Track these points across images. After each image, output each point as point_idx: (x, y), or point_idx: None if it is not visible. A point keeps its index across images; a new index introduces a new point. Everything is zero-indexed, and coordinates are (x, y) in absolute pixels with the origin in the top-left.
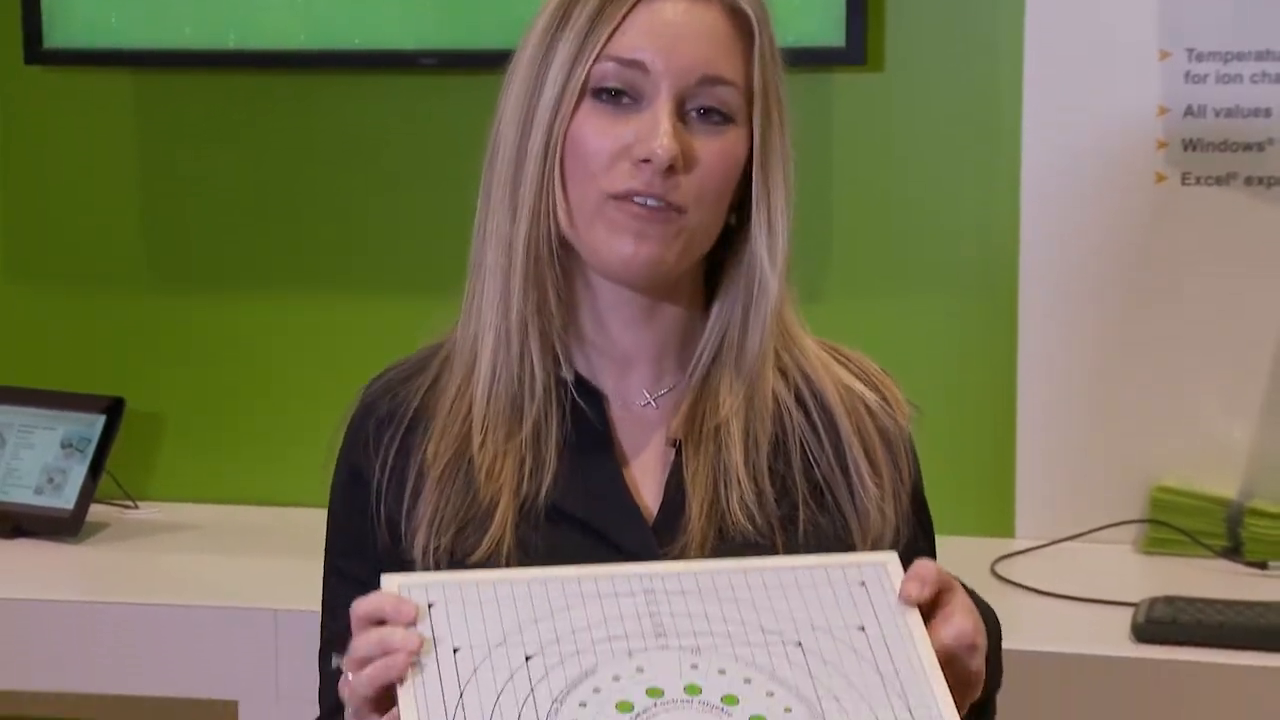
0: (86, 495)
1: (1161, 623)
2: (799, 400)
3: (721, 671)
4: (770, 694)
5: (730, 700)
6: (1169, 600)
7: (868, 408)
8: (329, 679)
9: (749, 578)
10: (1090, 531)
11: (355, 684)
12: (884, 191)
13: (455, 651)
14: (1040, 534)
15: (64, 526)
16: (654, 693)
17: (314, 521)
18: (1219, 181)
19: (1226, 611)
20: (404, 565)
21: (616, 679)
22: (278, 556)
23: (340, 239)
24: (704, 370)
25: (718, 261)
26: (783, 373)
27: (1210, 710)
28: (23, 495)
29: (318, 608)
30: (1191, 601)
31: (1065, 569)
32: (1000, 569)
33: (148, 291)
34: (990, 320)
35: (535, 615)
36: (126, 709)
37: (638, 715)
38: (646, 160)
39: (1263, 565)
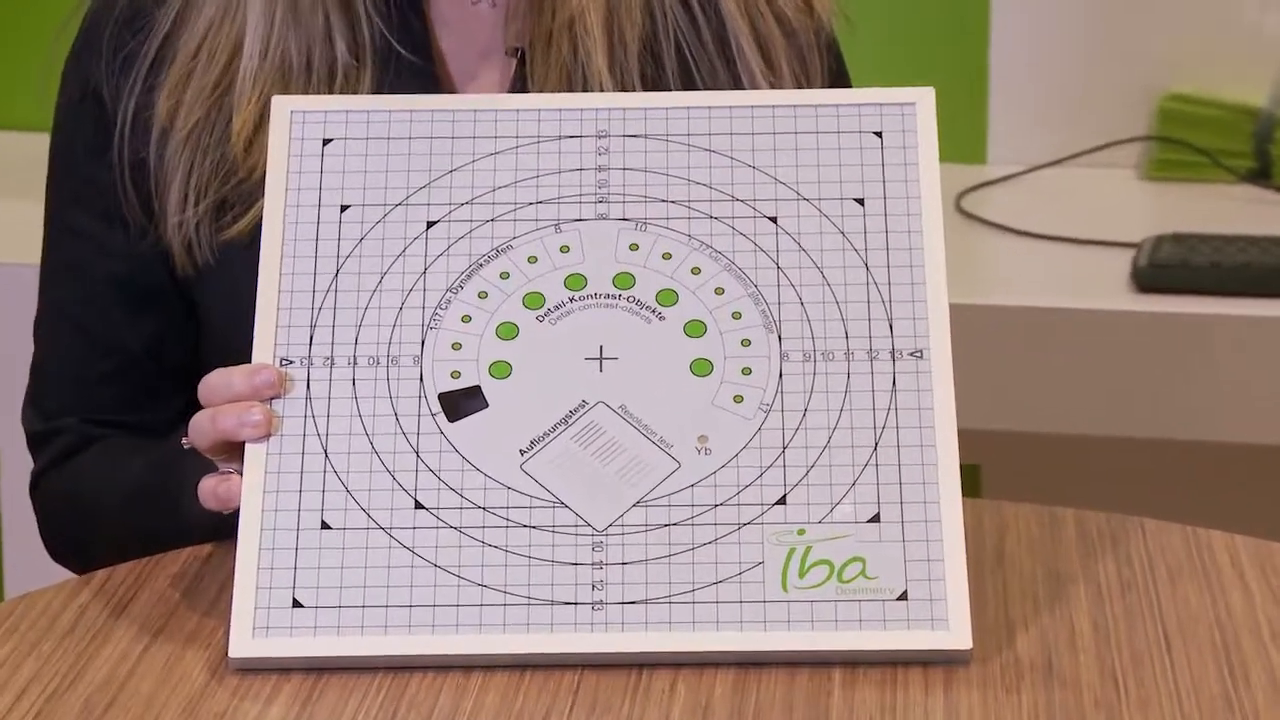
0: None
1: (1169, 266)
2: None
3: (667, 255)
4: (720, 291)
5: (667, 298)
6: (1178, 238)
7: None
8: (54, 374)
9: (733, 119)
10: (1080, 154)
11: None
12: None
13: (343, 210)
14: (1018, 159)
15: None
16: (575, 282)
17: None
18: None
19: (1250, 250)
20: (159, 245)
21: (532, 261)
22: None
23: None
24: None
25: None
26: None
27: (1226, 372)
28: None
29: None
30: (1207, 239)
31: (1048, 202)
32: (967, 204)
33: None
34: None
35: (452, 163)
36: None
37: (547, 313)
38: None
39: None
